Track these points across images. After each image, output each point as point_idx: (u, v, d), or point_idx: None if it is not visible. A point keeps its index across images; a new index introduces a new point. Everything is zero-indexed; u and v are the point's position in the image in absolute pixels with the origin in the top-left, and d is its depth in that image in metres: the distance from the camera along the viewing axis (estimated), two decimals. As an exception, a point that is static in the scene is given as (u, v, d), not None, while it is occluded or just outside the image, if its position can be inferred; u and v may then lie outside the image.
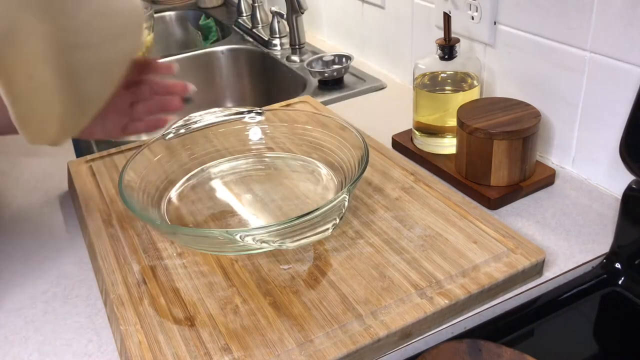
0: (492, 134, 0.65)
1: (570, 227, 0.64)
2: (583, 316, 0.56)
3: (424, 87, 0.76)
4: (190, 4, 1.63)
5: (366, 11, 1.07)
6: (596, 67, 0.65)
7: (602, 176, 0.69)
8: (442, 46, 0.74)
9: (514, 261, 0.55)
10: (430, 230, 0.60)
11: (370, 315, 0.51)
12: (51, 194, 0.77)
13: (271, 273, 0.57)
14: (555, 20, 0.68)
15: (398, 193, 0.67)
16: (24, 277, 0.62)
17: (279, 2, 1.25)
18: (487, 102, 0.71)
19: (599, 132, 0.68)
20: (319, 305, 0.52)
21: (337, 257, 0.58)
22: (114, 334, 0.54)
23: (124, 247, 0.62)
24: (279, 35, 1.24)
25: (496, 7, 0.76)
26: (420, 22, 0.93)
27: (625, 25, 0.60)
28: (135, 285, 0.56)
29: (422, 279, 0.54)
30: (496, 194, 0.67)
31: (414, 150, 0.78)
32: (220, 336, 0.50)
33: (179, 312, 0.53)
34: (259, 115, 0.77)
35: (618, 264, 0.58)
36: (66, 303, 0.58)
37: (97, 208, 0.68)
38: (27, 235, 0.69)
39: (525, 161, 0.67)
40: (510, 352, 0.47)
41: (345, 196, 0.56)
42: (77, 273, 0.62)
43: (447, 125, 0.75)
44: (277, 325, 0.50)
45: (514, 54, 0.76)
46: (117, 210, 0.67)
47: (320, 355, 0.47)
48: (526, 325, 0.54)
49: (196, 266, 0.58)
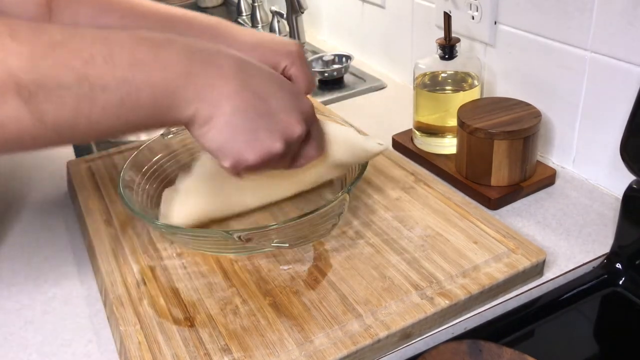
0: (492, 133, 0.65)
1: (571, 227, 0.64)
2: (584, 316, 0.56)
3: (424, 87, 0.75)
4: (190, 4, 1.63)
5: (366, 11, 1.07)
6: (596, 67, 0.65)
7: (603, 176, 0.69)
8: (442, 46, 0.74)
9: (514, 261, 0.55)
10: (430, 231, 0.60)
11: (371, 316, 0.50)
12: (51, 194, 0.77)
13: (271, 273, 0.56)
14: (556, 20, 0.68)
15: (398, 193, 0.67)
16: (24, 277, 0.62)
17: (279, 2, 1.25)
18: (488, 102, 0.71)
19: (599, 132, 0.68)
20: (319, 305, 0.52)
21: (337, 257, 0.58)
22: (113, 334, 0.54)
23: (123, 247, 0.62)
24: (279, 35, 1.24)
25: (496, 7, 0.76)
26: (420, 21, 0.93)
27: (625, 25, 0.60)
28: (135, 285, 0.56)
29: (423, 279, 0.54)
30: (496, 194, 0.67)
31: (414, 150, 0.78)
32: (220, 337, 0.50)
33: (178, 312, 0.53)
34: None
35: (619, 264, 0.58)
36: (66, 303, 0.58)
37: (97, 208, 0.68)
38: (27, 235, 0.69)
39: (526, 161, 0.67)
40: (510, 352, 0.47)
41: (345, 196, 0.56)
42: (77, 273, 0.62)
43: (447, 125, 0.75)
44: (277, 326, 0.50)
45: (514, 53, 0.76)
46: (116, 210, 0.67)
47: (320, 355, 0.47)
48: (527, 326, 0.54)
49: (196, 266, 0.58)
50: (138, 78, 0.42)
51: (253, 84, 0.46)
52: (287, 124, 0.47)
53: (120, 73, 0.41)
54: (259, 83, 0.47)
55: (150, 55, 0.43)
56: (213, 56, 0.45)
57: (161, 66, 0.43)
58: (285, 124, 0.47)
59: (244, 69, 0.46)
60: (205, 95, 0.44)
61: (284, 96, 0.48)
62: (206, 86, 0.44)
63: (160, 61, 0.43)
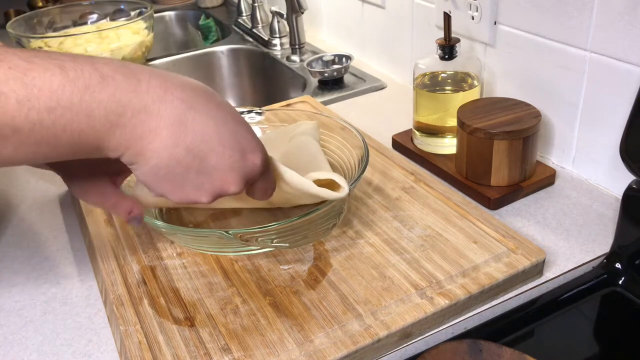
0: (492, 134, 0.65)
1: (571, 227, 0.64)
2: (583, 316, 0.56)
3: (424, 87, 0.75)
4: (190, 4, 1.63)
5: (366, 11, 1.07)
6: (596, 67, 0.65)
7: (603, 176, 0.69)
8: (442, 46, 0.74)
9: (514, 261, 0.55)
10: (430, 230, 0.60)
11: (371, 315, 0.50)
12: (51, 194, 0.77)
13: (271, 273, 0.57)
14: (556, 20, 0.68)
15: (398, 193, 0.67)
16: (24, 277, 0.62)
17: (279, 2, 1.25)
18: (488, 102, 0.71)
19: (599, 132, 0.68)
20: (319, 305, 0.52)
21: (337, 257, 0.58)
22: (113, 334, 0.54)
23: (123, 247, 0.62)
24: (279, 35, 1.24)
25: (496, 7, 0.76)
26: (420, 22, 0.93)
27: (625, 25, 0.60)
28: (135, 285, 0.56)
29: (422, 279, 0.54)
30: (496, 194, 0.67)
31: (414, 150, 0.78)
32: (220, 336, 0.50)
33: (178, 312, 0.53)
34: (259, 115, 0.77)
35: (618, 264, 0.58)
36: (66, 303, 0.58)
37: (97, 208, 0.68)
38: (27, 235, 0.69)
39: (526, 161, 0.67)
40: (510, 352, 0.47)
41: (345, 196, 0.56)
42: (77, 273, 0.62)
43: (447, 125, 0.75)
44: (277, 326, 0.50)
45: (514, 53, 0.76)
46: (117, 210, 0.67)
47: (320, 355, 0.47)
48: (526, 326, 0.54)
49: (196, 266, 0.58)
50: (58, 124, 0.37)
51: (189, 140, 0.41)
52: (222, 183, 0.44)
53: (35, 116, 0.36)
54: (200, 138, 0.41)
55: (75, 98, 0.37)
56: (155, 102, 0.40)
57: (86, 113, 0.38)
58: (218, 183, 0.44)
59: (188, 118, 0.41)
60: (131, 144, 0.40)
61: (226, 153, 0.43)
62: (133, 138, 0.40)
63: (85, 107, 0.38)
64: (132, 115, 0.39)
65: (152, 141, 0.40)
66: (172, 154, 0.41)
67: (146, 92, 0.39)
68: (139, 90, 0.39)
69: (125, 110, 0.39)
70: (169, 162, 0.41)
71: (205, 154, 0.42)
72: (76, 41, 1.08)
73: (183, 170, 0.42)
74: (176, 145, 0.41)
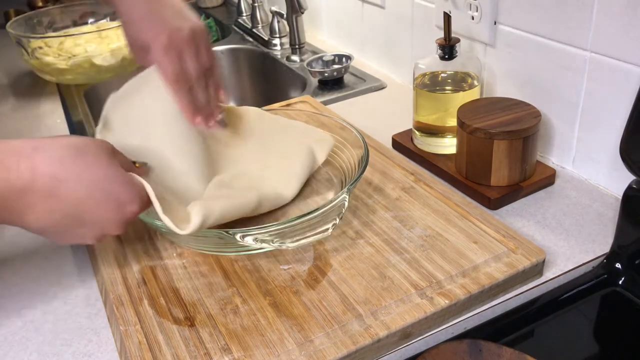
0: (492, 134, 0.65)
1: (571, 227, 0.64)
2: (583, 316, 0.56)
3: (424, 87, 0.75)
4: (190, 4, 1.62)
5: (366, 11, 1.07)
6: (596, 67, 0.65)
7: (603, 176, 0.69)
8: (442, 46, 0.74)
9: (514, 261, 0.55)
10: (430, 231, 0.60)
11: (371, 316, 0.50)
12: (51, 194, 0.77)
13: (271, 273, 0.57)
14: (556, 20, 0.68)
15: (398, 193, 0.67)
16: (24, 277, 0.62)
17: (279, 2, 1.25)
18: (488, 102, 0.71)
19: (599, 132, 0.68)
20: (319, 305, 0.52)
21: (337, 257, 0.58)
22: (113, 334, 0.54)
23: (124, 247, 0.62)
24: (279, 35, 1.24)
25: (496, 7, 0.76)
26: (420, 22, 0.93)
27: (625, 25, 0.60)
28: (135, 285, 0.56)
29: (422, 279, 0.54)
30: (496, 194, 0.67)
31: (414, 150, 0.78)
32: (220, 336, 0.50)
33: (178, 312, 0.53)
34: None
35: (618, 264, 0.58)
36: (66, 303, 0.58)
37: (97, 208, 0.68)
38: (27, 236, 0.69)
39: (526, 161, 0.67)
40: (510, 352, 0.47)
41: (345, 196, 0.56)
42: (77, 273, 0.62)
43: (447, 125, 0.75)
44: (277, 326, 0.50)
45: (514, 54, 0.76)
46: (117, 210, 0.67)
47: (320, 355, 0.47)
48: (526, 326, 0.54)
49: (196, 266, 0.58)
50: None
51: (63, 207, 0.48)
52: (102, 230, 0.51)
53: None
54: (73, 203, 0.49)
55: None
56: (26, 184, 0.46)
57: None
58: (99, 231, 0.51)
59: (60, 190, 0.48)
60: (13, 219, 0.48)
61: (101, 210, 0.50)
62: (13, 215, 0.48)
63: None
64: (8, 197, 0.46)
65: (31, 214, 0.48)
66: (51, 219, 0.49)
67: (16, 179, 0.46)
68: (9, 178, 0.46)
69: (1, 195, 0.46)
70: (50, 225, 0.49)
71: (81, 215, 0.49)
72: (76, 41, 1.08)
73: (64, 229, 0.50)
74: (53, 212, 0.48)
